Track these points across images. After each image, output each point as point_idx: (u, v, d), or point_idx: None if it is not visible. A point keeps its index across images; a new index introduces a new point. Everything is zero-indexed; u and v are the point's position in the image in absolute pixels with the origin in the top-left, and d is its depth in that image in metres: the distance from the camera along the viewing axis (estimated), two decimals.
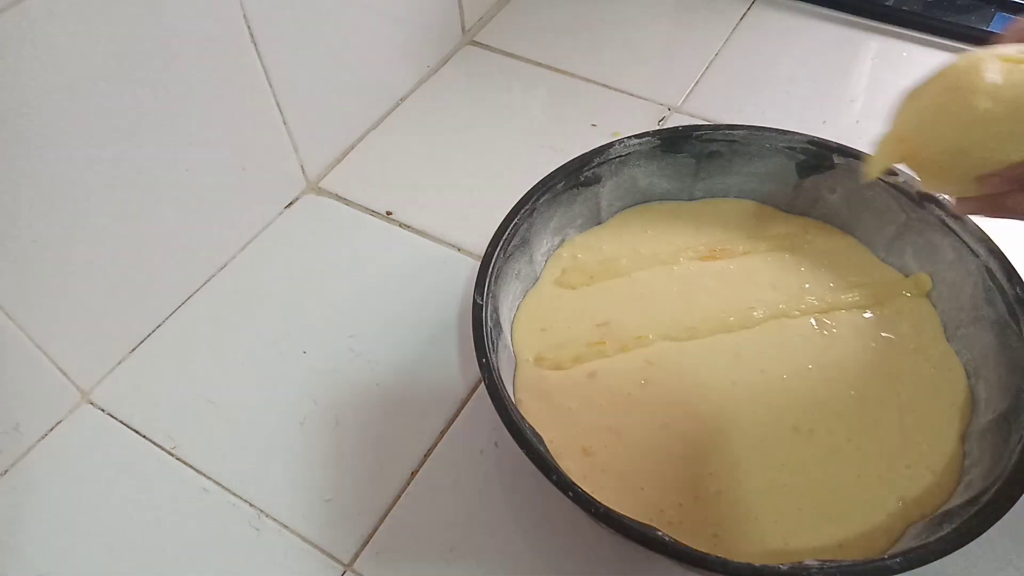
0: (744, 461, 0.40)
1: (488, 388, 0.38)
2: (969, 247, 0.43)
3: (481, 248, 0.44)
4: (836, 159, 0.47)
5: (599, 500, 0.34)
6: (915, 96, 0.35)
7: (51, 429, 0.44)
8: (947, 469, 0.39)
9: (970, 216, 0.42)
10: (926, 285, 0.45)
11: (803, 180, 0.48)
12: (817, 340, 0.44)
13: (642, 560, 0.38)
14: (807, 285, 0.47)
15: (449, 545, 0.39)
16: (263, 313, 0.49)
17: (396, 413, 0.44)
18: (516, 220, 0.45)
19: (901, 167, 0.36)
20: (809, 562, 0.33)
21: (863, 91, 0.61)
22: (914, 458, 0.39)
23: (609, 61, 0.64)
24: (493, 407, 0.38)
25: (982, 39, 0.61)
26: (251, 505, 0.41)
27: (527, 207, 0.46)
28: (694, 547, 0.33)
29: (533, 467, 0.35)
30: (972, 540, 0.33)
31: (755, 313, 0.45)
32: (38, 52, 0.36)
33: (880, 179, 0.45)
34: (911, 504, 0.38)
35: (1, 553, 0.40)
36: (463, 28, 0.67)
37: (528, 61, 0.65)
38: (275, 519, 0.41)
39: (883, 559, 0.33)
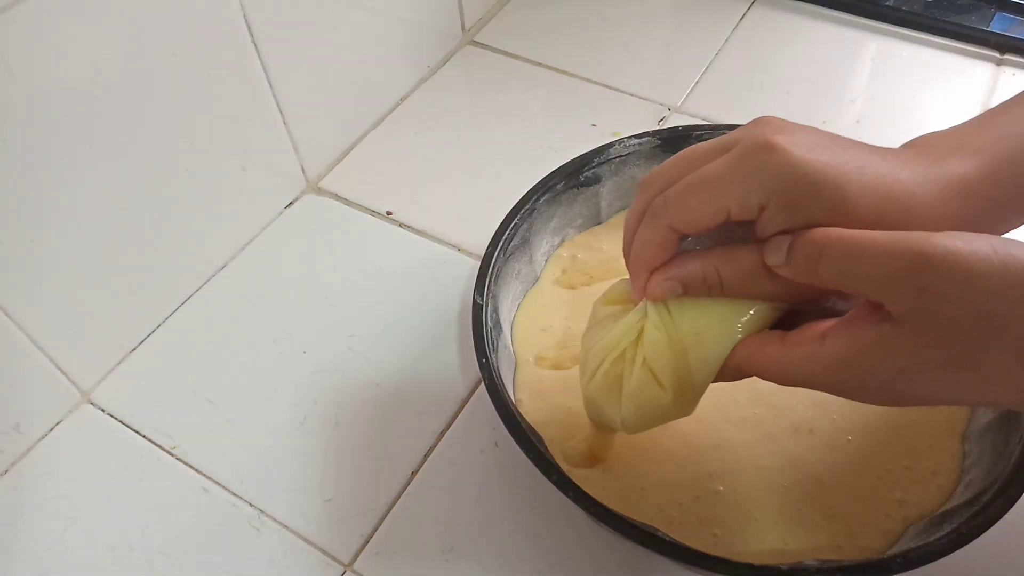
0: (744, 461, 0.40)
1: (488, 388, 0.38)
2: None
3: (481, 248, 0.44)
4: None
5: (599, 500, 0.34)
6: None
7: (51, 429, 0.44)
8: (947, 469, 0.39)
9: None
10: None
11: None
12: None
13: (642, 560, 0.38)
14: None
15: (449, 545, 0.39)
16: (263, 313, 0.49)
17: (396, 413, 0.44)
18: (516, 220, 0.45)
19: None
20: (809, 562, 0.33)
21: (863, 91, 0.61)
22: (914, 458, 0.39)
23: (609, 61, 0.64)
24: (493, 407, 0.38)
25: (982, 39, 0.62)
26: (251, 505, 0.41)
27: (527, 207, 0.46)
28: (694, 547, 0.33)
29: (533, 467, 0.35)
30: (972, 540, 0.33)
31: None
32: (38, 52, 0.36)
33: None
34: (911, 504, 0.38)
35: (1, 553, 0.40)
36: (463, 28, 0.67)
37: (528, 61, 0.65)
38: (275, 519, 0.41)
39: (883, 559, 0.33)
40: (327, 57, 0.53)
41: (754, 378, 0.32)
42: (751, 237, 0.31)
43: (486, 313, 0.41)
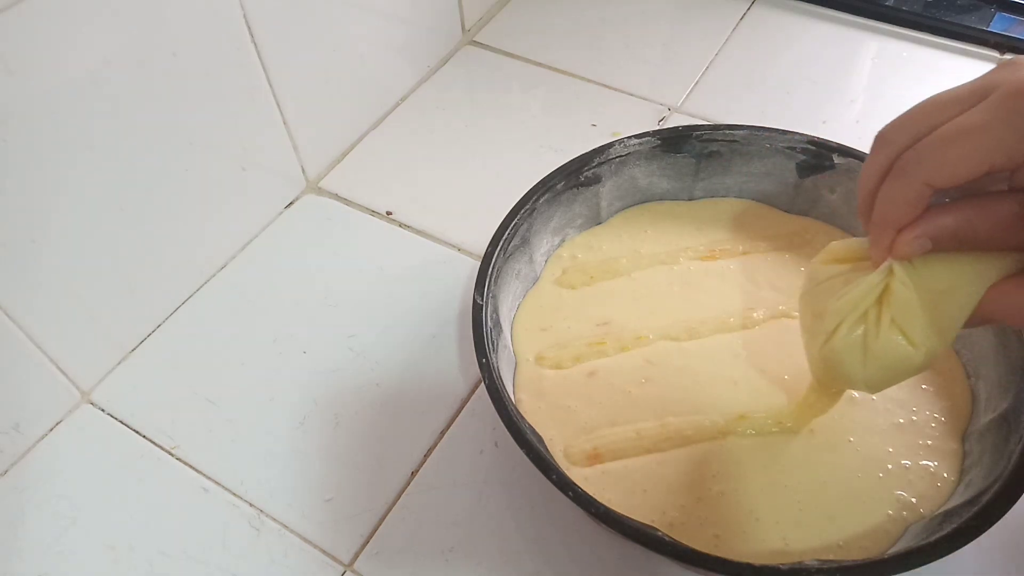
0: (745, 461, 0.40)
1: (488, 388, 0.38)
2: None
3: (481, 248, 0.44)
4: (836, 159, 0.47)
5: (599, 500, 0.34)
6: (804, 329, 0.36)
7: (51, 429, 0.44)
8: (947, 469, 0.39)
9: None
10: None
11: (803, 180, 0.48)
12: None
13: (642, 560, 0.38)
14: None
15: (449, 545, 0.39)
16: (263, 313, 0.49)
17: (396, 413, 0.44)
18: (516, 220, 0.45)
19: None
20: (809, 562, 0.33)
21: (863, 91, 0.61)
22: (914, 458, 0.39)
23: (609, 61, 0.64)
24: (493, 407, 0.38)
25: (982, 39, 0.62)
26: (251, 505, 0.41)
27: (527, 207, 0.46)
28: (694, 547, 0.33)
29: (533, 467, 0.35)
30: (972, 540, 0.33)
31: (755, 313, 0.45)
32: (39, 52, 0.36)
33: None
34: (911, 504, 0.38)
35: (1, 553, 0.40)
36: (463, 28, 0.67)
37: (528, 61, 0.65)
38: (275, 519, 0.41)
39: (883, 559, 0.33)
40: (327, 57, 0.53)
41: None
42: (996, 185, 0.29)
43: (486, 313, 0.41)
